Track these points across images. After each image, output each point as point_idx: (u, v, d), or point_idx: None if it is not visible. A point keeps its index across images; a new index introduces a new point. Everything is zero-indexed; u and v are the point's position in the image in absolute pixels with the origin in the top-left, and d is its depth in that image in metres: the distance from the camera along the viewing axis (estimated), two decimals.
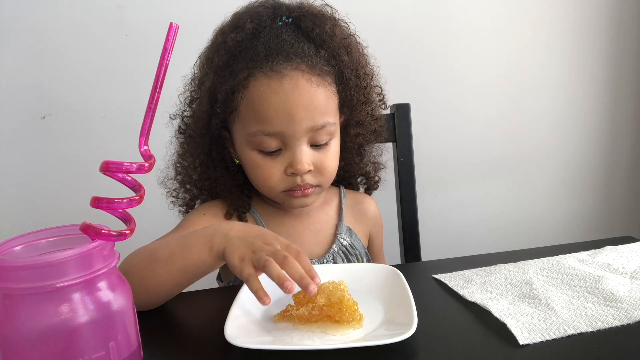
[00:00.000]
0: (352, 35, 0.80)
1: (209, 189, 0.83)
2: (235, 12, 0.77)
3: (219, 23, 0.77)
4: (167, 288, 0.62)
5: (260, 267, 0.53)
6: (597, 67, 1.50)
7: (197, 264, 0.60)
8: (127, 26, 1.21)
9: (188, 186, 0.84)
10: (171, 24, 0.42)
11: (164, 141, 0.83)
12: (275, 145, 0.72)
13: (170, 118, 0.83)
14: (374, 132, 0.86)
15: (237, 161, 0.80)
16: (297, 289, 0.52)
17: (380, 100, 0.87)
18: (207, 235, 0.60)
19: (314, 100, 0.71)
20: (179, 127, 0.83)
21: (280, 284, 0.50)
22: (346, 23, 0.80)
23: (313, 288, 0.51)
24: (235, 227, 0.60)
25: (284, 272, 0.52)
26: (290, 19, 0.75)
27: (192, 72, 0.80)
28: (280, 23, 0.74)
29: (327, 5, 0.79)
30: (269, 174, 0.74)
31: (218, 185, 0.81)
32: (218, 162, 0.80)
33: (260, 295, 0.51)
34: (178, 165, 0.83)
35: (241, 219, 0.81)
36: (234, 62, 0.73)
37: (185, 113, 0.82)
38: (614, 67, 1.51)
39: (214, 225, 0.62)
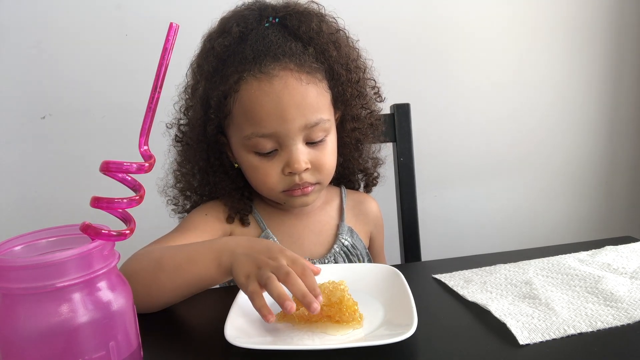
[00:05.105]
0: (340, 30, 0.80)
1: (209, 195, 0.83)
2: (222, 17, 0.77)
3: (206, 29, 0.77)
4: (170, 296, 0.62)
5: (263, 285, 0.52)
6: (598, 66, 1.50)
7: (203, 278, 0.59)
8: (127, 26, 1.21)
9: (188, 193, 0.84)
10: (171, 24, 0.42)
11: (162, 150, 0.83)
12: (271, 146, 0.72)
13: (167, 127, 0.83)
14: (371, 125, 0.85)
15: (236, 165, 0.80)
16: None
17: (375, 94, 0.86)
18: (214, 251, 0.59)
19: (305, 98, 0.71)
20: (176, 135, 0.83)
21: (281, 303, 0.50)
22: (334, 18, 0.80)
23: (316, 306, 0.50)
24: (242, 243, 0.59)
25: (285, 290, 0.51)
26: (276, 19, 0.75)
27: (185, 80, 0.80)
28: (267, 24, 0.75)
29: (313, 2, 0.79)
30: (267, 175, 0.74)
31: (218, 189, 0.81)
32: (217, 167, 0.80)
33: (263, 312, 0.50)
34: (177, 173, 0.84)
35: (243, 221, 0.81)
36: (224, 67, 0.73)
37: (181, 121, 0.82)
38: (614, 67, 1.51)
39: (221, 241, 0.62)
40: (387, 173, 0.95)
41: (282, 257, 0.55)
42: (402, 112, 0.97)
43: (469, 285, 0.65)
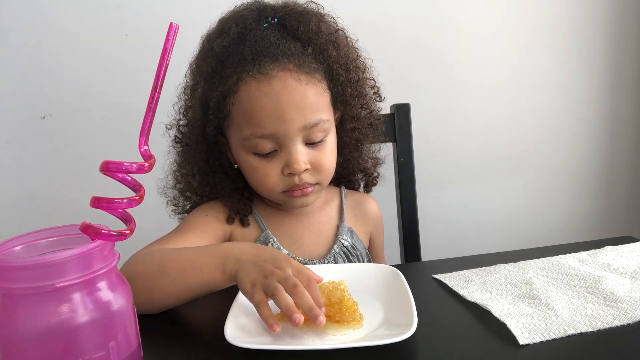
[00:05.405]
0: (339, 29, 0.79)
1: (209, 195, 0.83)
2: (220, 17, 0.77)
3: (206, 29, 0.77)
4: (173, 300, 0.62)
5: (270, 295, 0.52)
6: (598, 66, 1.50)
7: (206, 284, 0.59)
8: (127, 26, 1.21)
9: (188, 194, 0.84)
10: (171, 24, 0.42)
11: (162, 151, 0.83)
12: (270, 147, 0.72)
13: (167, 128, 0.83)
14: (370, 125, 0.85)
15: (235, 166, 0.80)
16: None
17: (375, 93, 0.86)
18: (219, 257, 0.59)
19: (304, 98, 0.70)
20: (175, 136, 0.83)
21: (289, 315, 0.50)
22: (333, 18, 0.80)
23: (322, 320, 0.50)
24: (247, 250, 0.59)
25: (292, 302, 0.51)
26: (275, 20, 0.75)
27: (184, 81, 0.80)
28: (266, 24, 0.74)
29: (312, 2, 0.78)
30: (267, 175, 0.74)
31: (217, 190, 0.81)
32: (216, 168, 0.80)
33: (270, 322, 0.50)
34: (177, 173, 0.83)
35: (243, 222, 0.81)
36: (223, 67, 0.73)
37: (181, 122, 0.82)
38: (614, 67, 1.51)
39: (226, 246, 0.62)
40: (387, 173, 0.95)
41: (288, 266, 0.55)
42: (402, 112, 0.98)
43: (469, 285, 0.65)
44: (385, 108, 0.92)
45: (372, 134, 0.87)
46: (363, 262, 0.84)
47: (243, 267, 0.56)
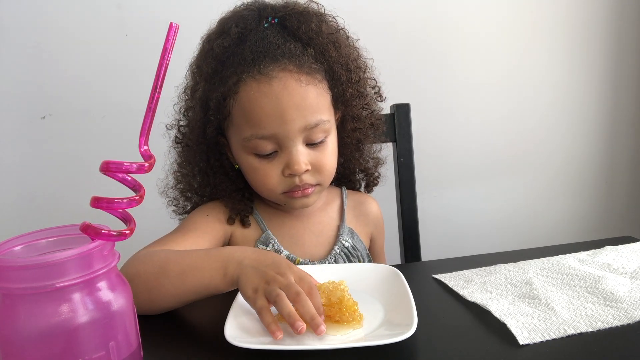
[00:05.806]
0: (340, 29, 0.79)
1: (210, 196, 0.83)
2: (221, 18, 0.76)
3: (206, 29, 0.77)
4: (173, 302, 0.62)
5: (272, 301, 0.52)
6: (598, 66, 1.50)
7: (208, 287, 0.59)
8: (127, 26, 1.21)
9: (189, 194, 0.84)
10: (171, 24, 0.42)
11: (163, 151, 0.83)
12: (271, 147, 0.72)
13: (167, 128, 0.83)
14: (372, 125, 0.85)
15: (236, 166, 0.80)
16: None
17: (376, 93, 0.86)
18: (220, 260, 0.59)
19: (305, 99, 0.70)
20: (176, 136, 0.83)
21: (291, 323, 0.50)
22: (334, 18, 0.80)
23: (322, 329, 0.50)
24: (249, 255, 0.59)
25: (294, 309, 0.51)
26: (276, 20, 0.75)
27: (185, 81, 0.80)
28: (266, 25, 0.74)
29: (312, 1, 0.78)
30: (267, 176, 0.74)
31: (218, 191, 0.81)
32: (217, 168, 0.80)
33: (272, 329, 0.50)
34: (178, 174, 0.83)
35: (244, 222, 0.81)
36: (223, 68, 0.73)
37: (181, 122, 0.82)
38: (614, 67, 1.51)
39: (227, 250, 0.62)
40: (387, 173, 0.95)
41: (290, 273, 0.55)
42: (402, 112, 0.97)
43: (469, 285, 0.65)
44: (385, 108, 0.92)
45: (373, 134, 0.86)
46: (364, 262, 0.84)
47: (244, 272, 0.56)
